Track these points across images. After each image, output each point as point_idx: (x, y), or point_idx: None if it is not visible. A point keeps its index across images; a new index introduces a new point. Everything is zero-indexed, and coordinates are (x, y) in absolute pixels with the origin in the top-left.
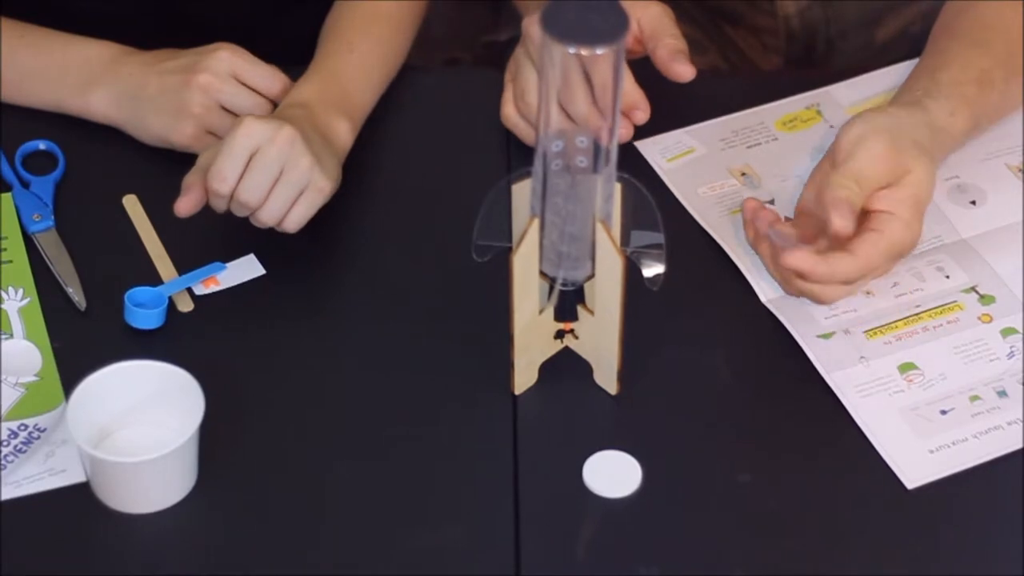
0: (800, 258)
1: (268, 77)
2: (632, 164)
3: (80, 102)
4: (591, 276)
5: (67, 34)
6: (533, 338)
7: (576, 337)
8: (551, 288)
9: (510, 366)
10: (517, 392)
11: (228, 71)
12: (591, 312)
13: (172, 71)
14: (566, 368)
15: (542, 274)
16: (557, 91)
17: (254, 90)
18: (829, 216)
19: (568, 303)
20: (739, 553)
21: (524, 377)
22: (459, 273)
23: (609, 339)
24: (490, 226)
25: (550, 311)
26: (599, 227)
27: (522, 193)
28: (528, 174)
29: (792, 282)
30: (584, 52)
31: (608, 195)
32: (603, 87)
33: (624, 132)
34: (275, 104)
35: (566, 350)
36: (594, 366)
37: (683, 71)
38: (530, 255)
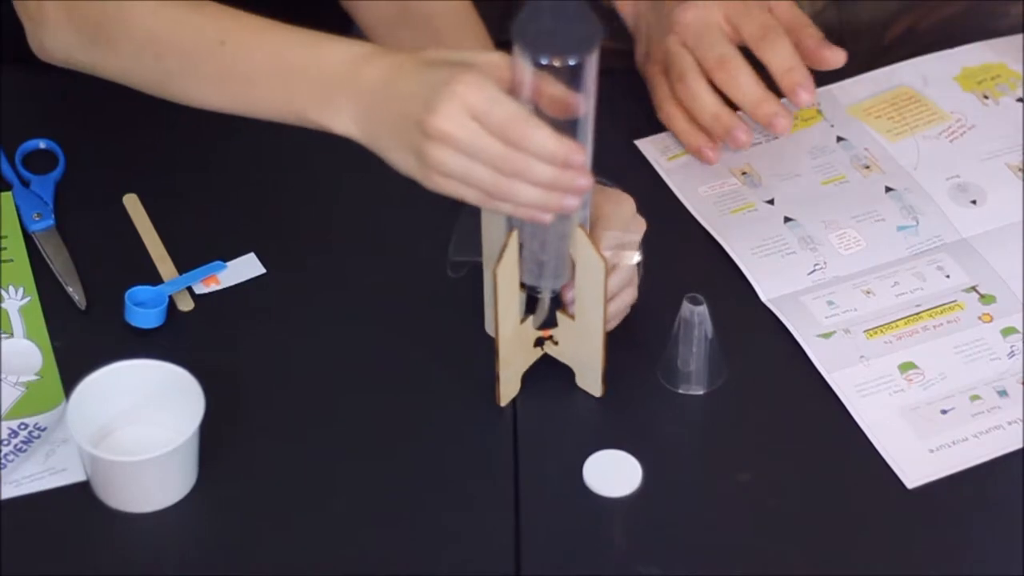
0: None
1: (511, 118)
2: (632, 163)
3: (323, 117)
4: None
5: (306, 31)
6: (516, 349)
7: (555, 343)
8: (528, 298)
9: (495, 379)
10: (502, 404)
11: (469, 112)
12: (571, 317)
13: (410, 97)
14: (566, 368)
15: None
16: (531, 100)
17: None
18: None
19: (548, 311)
20: (739, 553)
21: (509, 388)
22: (461, 275)
23: (593, 343)
24: (465, 242)
25: (528, 320)
26: (579, 233)
27: None
28: None
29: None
30: (556, 62)
31: (586, 201)
32: (577, 96)
33: (745, 138)
34: None
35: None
36: (576, 370)
37: (833, 57)
38: (511, 268)
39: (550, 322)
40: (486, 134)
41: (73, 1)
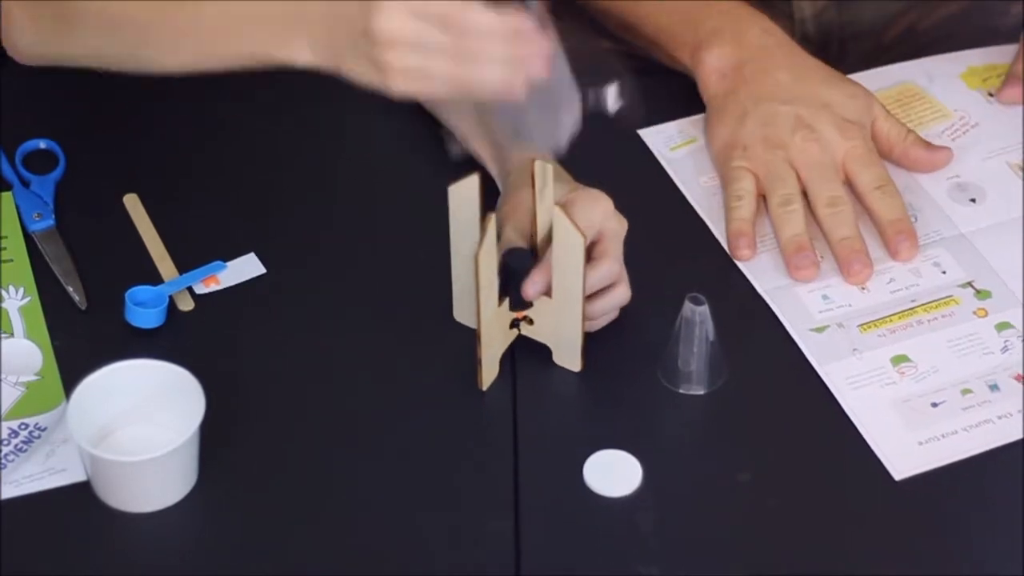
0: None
1: (448, 7)
2: (635, 152)
3: (284, 55)
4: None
5: None
6: (495, 332)
7: (531, 323)
8: (503, 281)
9: (477, 363)
10: (484, 388)
11: (408, 10)
12: (548, 296)
13: (352, 12)
14: (566, 368)
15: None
16: None
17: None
18: None
19: (516, 288)
20: (739, 553)
21: (489, 372)
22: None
23: (572, 319)
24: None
25: (504, 303)
26: (556, 209)
27: (458, 194)
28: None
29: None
30: None
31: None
32: None
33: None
34: None
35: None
36: (554, 348)
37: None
38: (490, 251)
39: (525, 304)
40: (431, 27)
41: None
